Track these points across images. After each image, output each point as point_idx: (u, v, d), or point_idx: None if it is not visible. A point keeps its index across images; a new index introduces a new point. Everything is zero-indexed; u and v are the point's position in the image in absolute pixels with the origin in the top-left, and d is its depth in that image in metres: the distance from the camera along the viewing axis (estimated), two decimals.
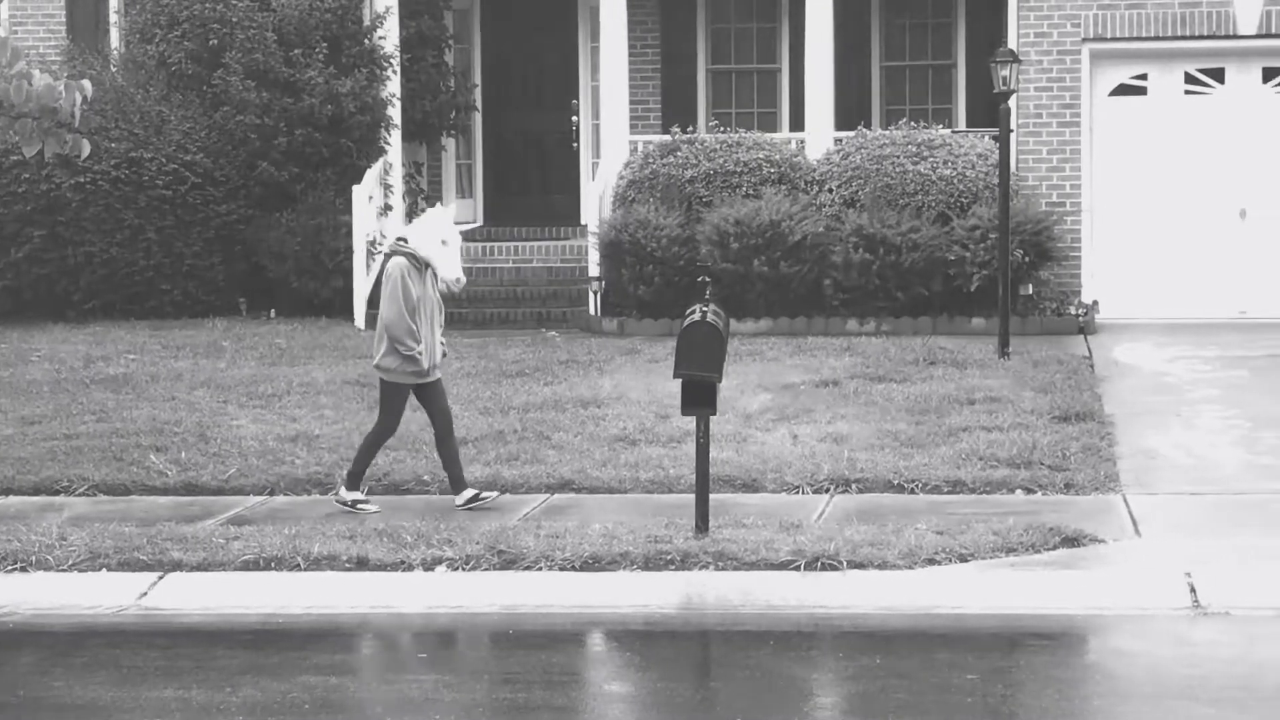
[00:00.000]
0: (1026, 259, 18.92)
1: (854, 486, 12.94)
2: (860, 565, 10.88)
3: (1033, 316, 19.24)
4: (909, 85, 23.11)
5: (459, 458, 12.68)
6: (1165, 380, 16.64)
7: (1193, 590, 10.44)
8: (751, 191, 19.77)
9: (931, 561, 10.95)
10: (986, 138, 19.82)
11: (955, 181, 19.46)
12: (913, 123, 20.42)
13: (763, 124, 22.59)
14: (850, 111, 21.83)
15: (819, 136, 20.58)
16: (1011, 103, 18.34)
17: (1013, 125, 18.81)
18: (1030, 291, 19.41)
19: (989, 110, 18.99)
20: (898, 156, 19.63)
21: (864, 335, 18.88)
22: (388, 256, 12.73)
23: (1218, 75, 20.09)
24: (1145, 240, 20.13)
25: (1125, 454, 13.82)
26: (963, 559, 11.01)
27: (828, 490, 12.89)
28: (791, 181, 19.97)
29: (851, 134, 20.32)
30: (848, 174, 19.75)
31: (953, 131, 20.72)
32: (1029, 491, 12.82)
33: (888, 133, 20.15)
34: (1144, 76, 20.19)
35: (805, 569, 10.81)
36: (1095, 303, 19.58)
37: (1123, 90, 20.23)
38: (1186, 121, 20.09)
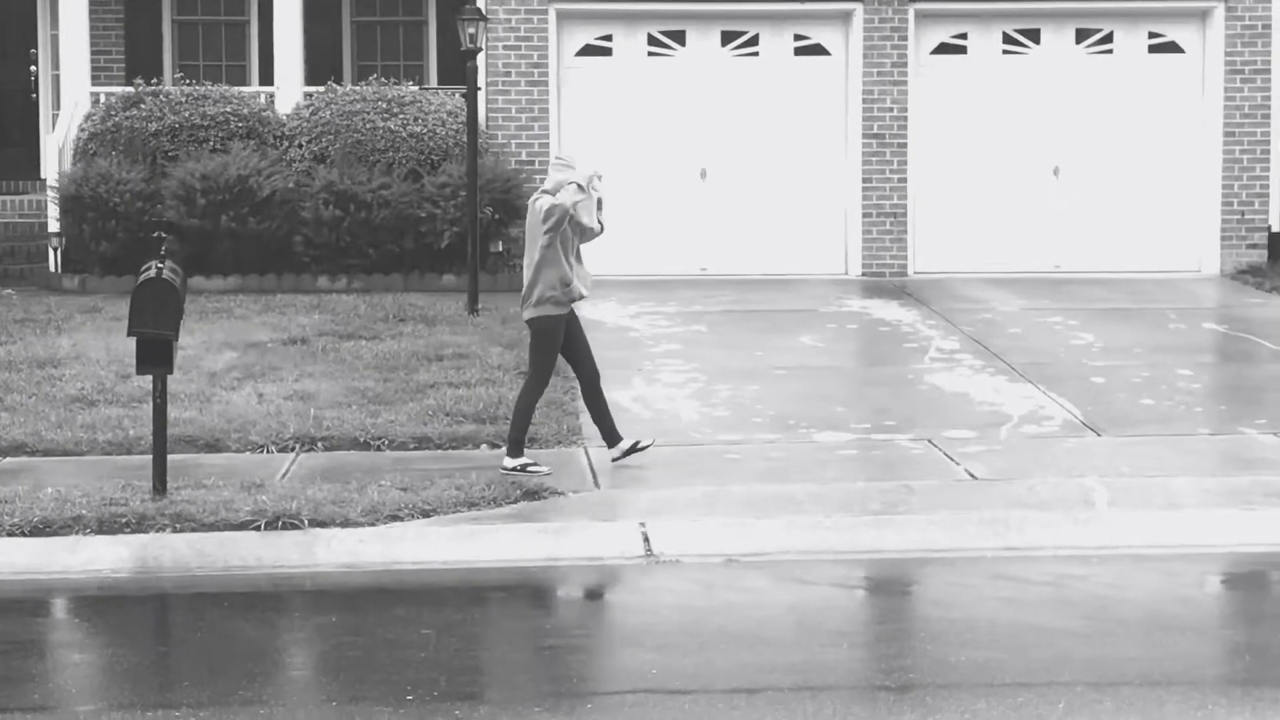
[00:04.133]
0: (497, 216, 19.12)
1: (320, 445, 12.86)
2: (323, 523, 10.82)
3: (503, 273, 19.44)
4: (381, 41, 23.03)
5: (610, 411, 12.47)
6: (629, 335, 17.05)
7: (646, 540, 10.72)
8: (219, 146, 19.40)
9: (394, 517, 10.97)
10: (457, 95, 19.90)
11: (426, 139, 19.49)
12: (384, 79, 20.35)
13: (232, 78, 22.17)
14: (321, 67, 21.63)
15: (289, 91, 20.33)
16: (480, 61, 18.50)
17: (481, 83, 18.96)
18: (501, 249, 19.62)
19: (460, 68, 19.06)
20: (368, 113, 19.55)
21: (335, 292, 18.77)
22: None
23: (680, 38, 20.65)
24: (611, 199, 20.51)
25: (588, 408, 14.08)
26: (425, 514, 11.06)
27: (293, 449, 12.77)
28: (261, 136, 19.68)
29: (322, 89, 20.13)
30: (318, 129, 19.57)
31: (422, 89, 20.73)
32: (494, 446, 12.96)
33: (359, 89, 20.04)
34: (609, 37, 20.60)
35: (266, 529, 10.69)
36: None
37: (590, 50, 20.59)
38: (650, 82, 20.59)
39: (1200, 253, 20.74)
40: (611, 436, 12.50)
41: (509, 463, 12.15)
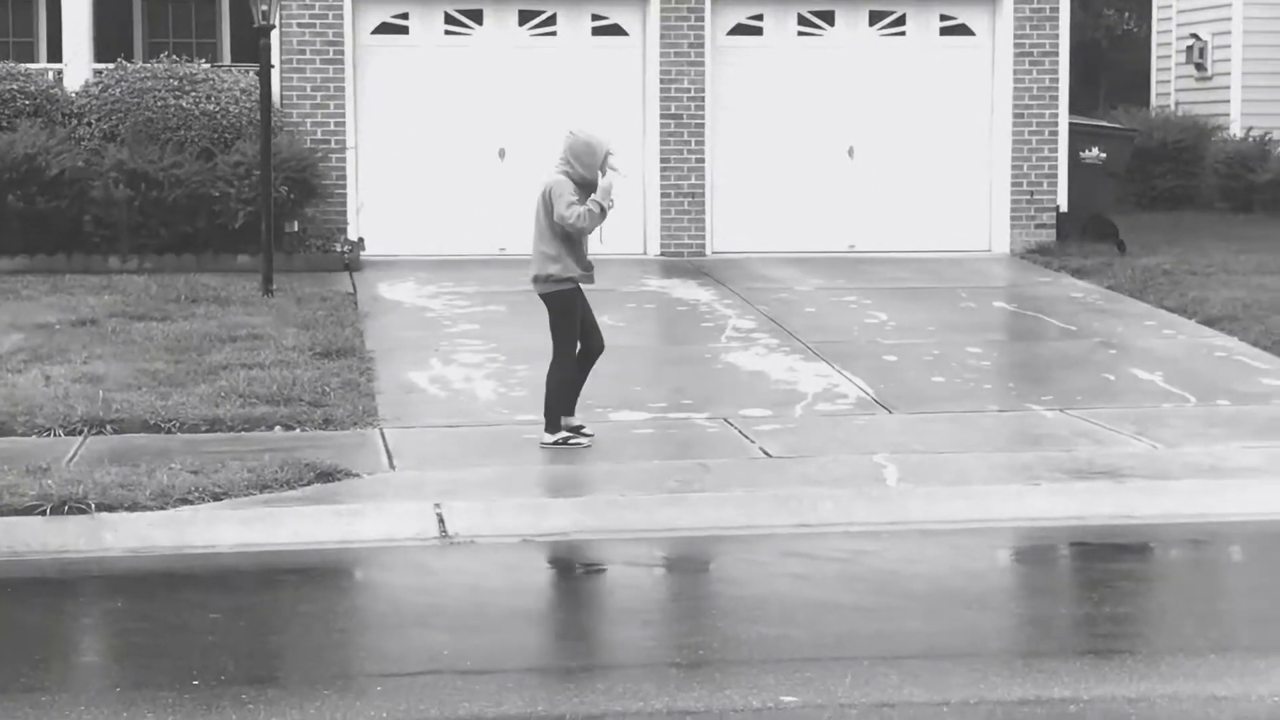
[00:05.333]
0: (291, 196, 18.90)
1: (110, 428, 12.64)
2: (110, 507, 10.62)
3: (299, 253, 19.25)
4: (173, 18, 22.67)
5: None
6: (426, 316, 16.97)
7: (441, 521, 10.68)
8: (6, 124, 18.99)
9: (185, 501, 10.81)
10: (251, 73, 19.64)
11: (219, 117, 19.23)
12: (176, 56, 20.03)
13: (20, 54, 21.66)
14: (112, 43, 21.23)
15: (78, 68, 19.93)
16: (274, 38, 18.27)
17: (275, 61, 18.74)
18: (296, 228, 19.42)
19: (255, 45, 18.80)
20: (160, 90, 19.23)
21: (126, 273, 18.45)
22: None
23: (477, 17, 20.55)
24: (411, 178, 20.44)
25: (385, 389, 14.02)
26: (217, 497, 10.91)
27: (82, 432, 12.54)
28: (49, 114, 19.28)
29: (112, 66, 19.77)
30: (108, 107, 19.22)
31: (215, 66, 20.43)
32: (288, 428, 12.84)
33: (150, 66, 19.70)
34: (406, 15, 20.45)
35: (52, 513, 10.47)
36: (361, 240, 19.76)
37: (387, 29, 20.41)
38: (448, 61, 20.47)
39: (991, 232, 21.10)
40: (559, 417, 12.54)
41: (547, 438, 12.34)
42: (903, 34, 21.12)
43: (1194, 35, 28.59)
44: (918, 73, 21.07)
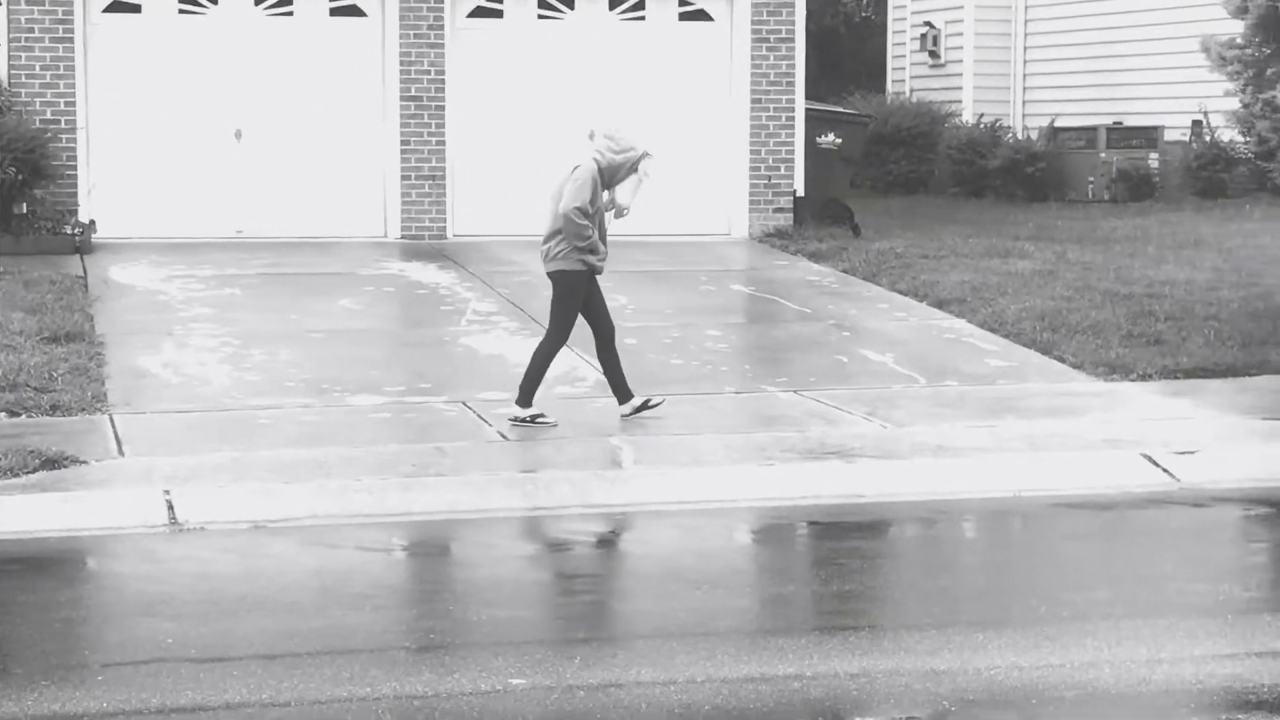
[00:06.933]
0: (20, 177, 18.44)
1: None
2: None
3: (28, 236, 18.77)
4: None
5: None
6: (159, 299, 16.66)
7: (171, 507, 10.52)
8: None
9: None
10: None
11: None
12: None
13: None
14: None
15: None
16: (1, 16, 17.79)
17: (2, 40, 18.23)
18: (25, 210, 18.94)
19: None
20: None
21: None
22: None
23: None
24: (144, 159, 20.04)
25: (115, 374, 13.75)
26: None
27: None
28: None
29: None
30: None
31: None
32: (13, 414, 12.56)
33: None
34: None
35: None
36: (93, 222, 19.34)
37: (119, 7, 19.97)
38: (182, 40, 20.09)
39: (731, 216, 21.31)
40: (622, 393, 12.68)
41: (519, 412, 12.39)
42: (642, 18, 21.22)
43: (928, 23, 29.21)
44: (655, 55, 21.17)
